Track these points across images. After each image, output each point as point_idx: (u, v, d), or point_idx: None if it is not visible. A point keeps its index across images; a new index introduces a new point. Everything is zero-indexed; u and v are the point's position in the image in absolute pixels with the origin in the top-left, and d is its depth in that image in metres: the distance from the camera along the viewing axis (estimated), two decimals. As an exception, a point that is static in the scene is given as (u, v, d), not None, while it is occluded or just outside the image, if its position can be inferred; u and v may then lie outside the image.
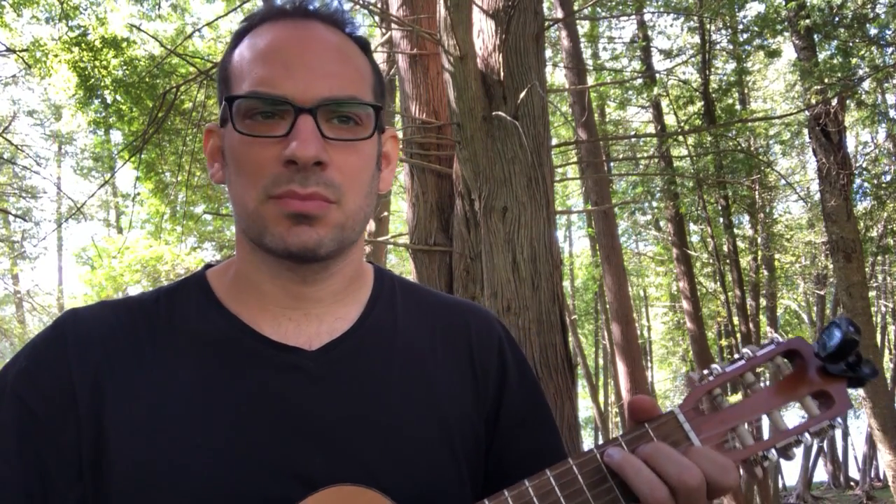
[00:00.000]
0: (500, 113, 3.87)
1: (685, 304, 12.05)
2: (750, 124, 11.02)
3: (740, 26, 11.30)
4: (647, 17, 12.14)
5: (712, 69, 11.73)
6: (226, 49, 0.86)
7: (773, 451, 0.75)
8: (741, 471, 0.75)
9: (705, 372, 0.78)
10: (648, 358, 20.70)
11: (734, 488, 0.71)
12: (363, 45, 0.86)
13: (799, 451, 0.76)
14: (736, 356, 0.79)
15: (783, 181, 13.35)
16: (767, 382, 0.79)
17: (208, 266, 0.91)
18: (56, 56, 7.30)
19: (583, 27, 12.46)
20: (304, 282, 0.82)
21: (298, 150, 0.74)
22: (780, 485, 14.95)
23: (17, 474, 0.73)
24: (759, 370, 0.79)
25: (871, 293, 14.24)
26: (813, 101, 8.45)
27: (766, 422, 0.79)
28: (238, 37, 0.84)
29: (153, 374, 0.78)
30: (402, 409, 0.82)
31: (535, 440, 0.90)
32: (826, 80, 8.44)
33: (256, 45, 0.81)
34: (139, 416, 0.75)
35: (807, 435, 0.76)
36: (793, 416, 0.80)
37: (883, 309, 17.39)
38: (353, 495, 0.71)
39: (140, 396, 0.76)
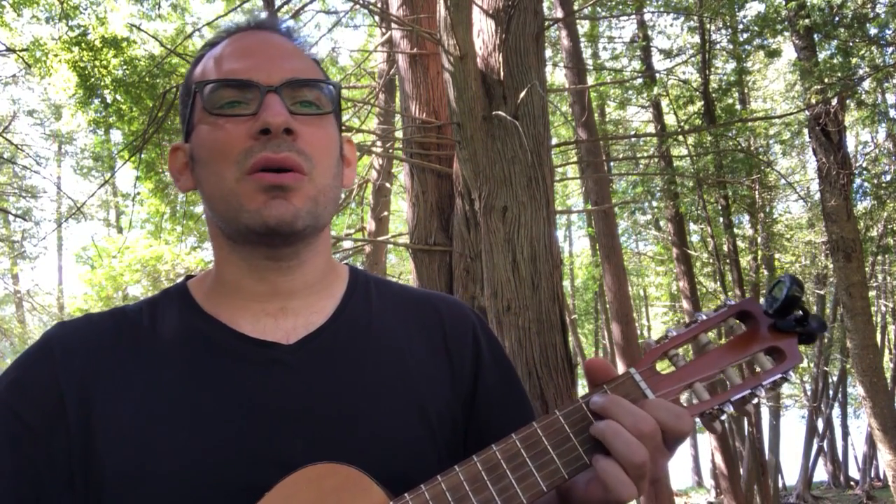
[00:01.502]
0: (500, 113, 3.87)
1: (685, 304, 12.05)
2: (750, 124, 11.01)
3: (740, 26, 11.29)
4: (647, 16, 12.13)
5: (712, 69, 11.72)
6: (186, 73, 0.92)
7: (730, 404, 0.78)
8: (705, 427, 0.80)
9: (661, 336, 0.81)
10: (648, 358, 20.64)
11: (688, 434, 0.74)
12: (315, 59, 0.92)
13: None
14: (689, 319, 0.83)
15: (783, 181, 13.34)
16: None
17: (189, 277, 0.95)
18: (56, 56, 7.29)
19: (583, 27, 12.46)
20: (279, 270, 0.85)
21: (269, 117, 0.78)
22: (780, 485, 14.95)
23: (11, 483, 0.75)
24: (713, 332, 0.83)
25: (871, 293, 14.24)
26: (813, 101, 8.45)
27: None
28: (199, 57, 0.91)
29: (137, 379, 0.80)
30: (380, 395, 0.84)
31: (511, 420, 0.92)
32: (826, 80, 8.43)
33: (219, 52, 0.87)
34: (125, 420, 0.77)
35: (760, 388, 0.79)
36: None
37: (883, 309, 17.37)
38: (329, 472, 0.73)
39: (125, 401, 0.79)
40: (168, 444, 0.76)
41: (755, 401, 0.80)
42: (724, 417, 0.79)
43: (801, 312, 0.79)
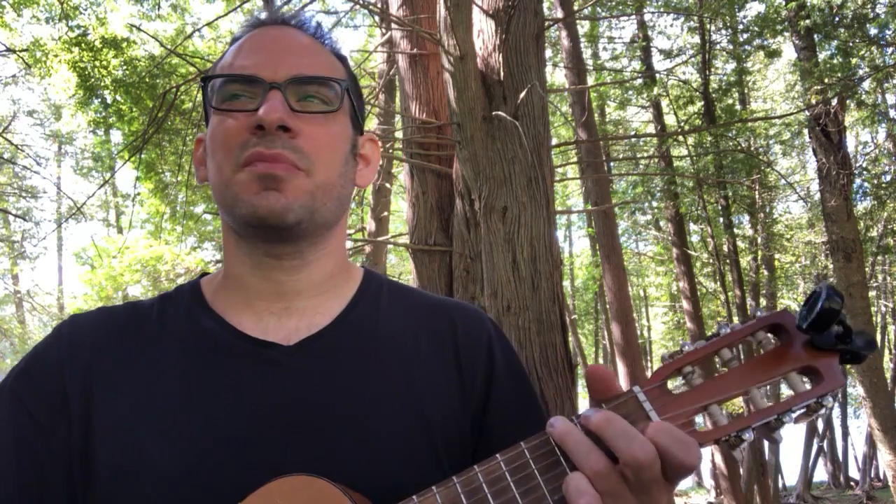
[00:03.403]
0: (500, 113, 3.87)
1: (685, 304, 12.06)
2: (750, 124, 11.02)
3: (740, 26, 11.29)
4: (647, 17, 12.14)
5: (712, 69, 11.73)
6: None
7: (750, 431, 0.68)
8: (720, 452, 0.70)
9: (676, 350, 0.73)
10: (648, 358, 20.69)
11: (694, 467, 0.65)
12: (339, 55, 0.92)
13: (786, 435, 0.71)
14: (713, 332, 0.73)
15: (783, 181, 13.34)
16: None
17: (205, 274, 0.95)
18: (56, 56, 7.29)
19: (583, 27, 12.46)
20: (281, 268, 0.84)
21: (263, 113, 0.78)
22: (780, 485, 14.95)
23: (14, 471, 0.76)
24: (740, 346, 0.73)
25: (871, 293, 14.25)
26: (813, 101, 8.45)
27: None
28: (225, 52, 0.91)
29: (138, 373, 0.81)
30: (378, 404, 0.82)
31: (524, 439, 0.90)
32: (826, 80, 8.44)
33: (236, 47, 0.87)
34: (121, 413, 0.78)
35: (790, 414, 0.68)
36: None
37: (883, 309, 17.38)
38: (304, 486, 0.70)
39: (124, 394, 0.79)
40: (157, 442, 0.76)
41: (782, 428, 0.70)
42: (744, 446, 0.69)
43: (841, 328, 0.68)
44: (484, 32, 4.14)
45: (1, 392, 0.80)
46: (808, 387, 0.69)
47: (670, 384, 0.71)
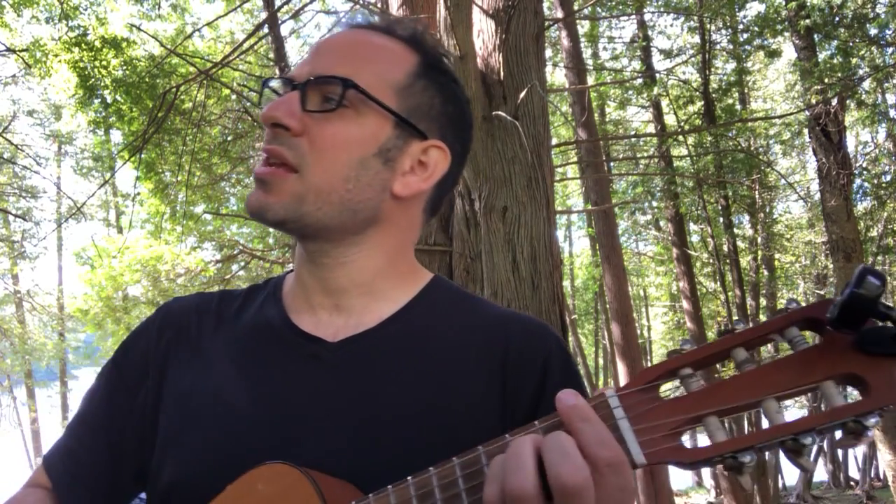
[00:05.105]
0: (500, 113, 3.87)
1: (685, 304, 12.06)
2: (750, 124, 11.02)
3: (740, 26, 11.30)
4: (647, 16, 12.14)
5: (712, 69, 11.73)
6: None
7: (752, 453, 0.53)
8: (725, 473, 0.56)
9: (679, 347, 0.59)
10: (648, 358, 20.69)
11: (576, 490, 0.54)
12: (433, 62, 0.94)
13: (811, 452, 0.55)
14: (727, 328, 0.58)
15: (783, 181, 13.34)
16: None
17: None
18: (56, 56, 7.29)
19: (583, 27, 12.46)
20: (318, 265, 0.88)
21: (263, 111, 0.82)
22: (780, 485, 14.95)
23: (103, 416, 0.90)
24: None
25: (871, 293, 14.19)
26: (813, 101, 8.46)
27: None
28: None
29: (205, 355, 0.89)
30: (405, 411, 0.81)
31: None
32: (826, 80, 8.44)
33: None
34: (183, 387, 0.87)
35: (817, 434, 0.52)
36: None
37: (883, 309, 17.34)
38: (284, 472, 0.72)
39: (188, 373, 0.88)
40: (201, 419, 0.83)
41: (807, 451, 0.52)
42: (745, 468, 0.53)
43: (892, 324, 0.51)
44: (484, 32, 4.13)
45: (109, 360, 0.95)
46: (841, 399, 0.52)
47: (664, 389, 0.58)
